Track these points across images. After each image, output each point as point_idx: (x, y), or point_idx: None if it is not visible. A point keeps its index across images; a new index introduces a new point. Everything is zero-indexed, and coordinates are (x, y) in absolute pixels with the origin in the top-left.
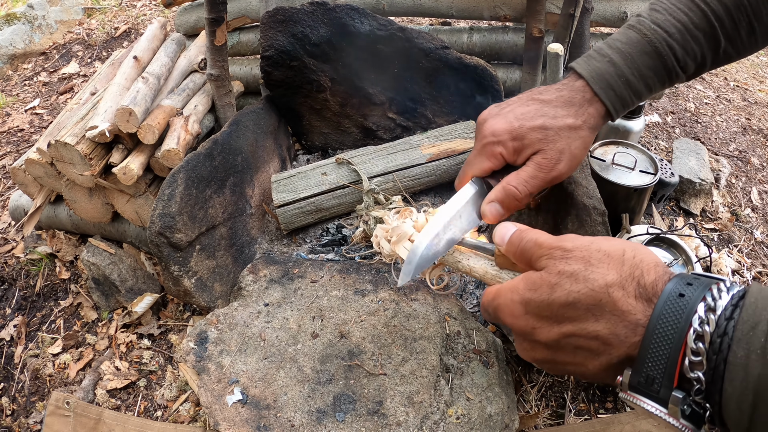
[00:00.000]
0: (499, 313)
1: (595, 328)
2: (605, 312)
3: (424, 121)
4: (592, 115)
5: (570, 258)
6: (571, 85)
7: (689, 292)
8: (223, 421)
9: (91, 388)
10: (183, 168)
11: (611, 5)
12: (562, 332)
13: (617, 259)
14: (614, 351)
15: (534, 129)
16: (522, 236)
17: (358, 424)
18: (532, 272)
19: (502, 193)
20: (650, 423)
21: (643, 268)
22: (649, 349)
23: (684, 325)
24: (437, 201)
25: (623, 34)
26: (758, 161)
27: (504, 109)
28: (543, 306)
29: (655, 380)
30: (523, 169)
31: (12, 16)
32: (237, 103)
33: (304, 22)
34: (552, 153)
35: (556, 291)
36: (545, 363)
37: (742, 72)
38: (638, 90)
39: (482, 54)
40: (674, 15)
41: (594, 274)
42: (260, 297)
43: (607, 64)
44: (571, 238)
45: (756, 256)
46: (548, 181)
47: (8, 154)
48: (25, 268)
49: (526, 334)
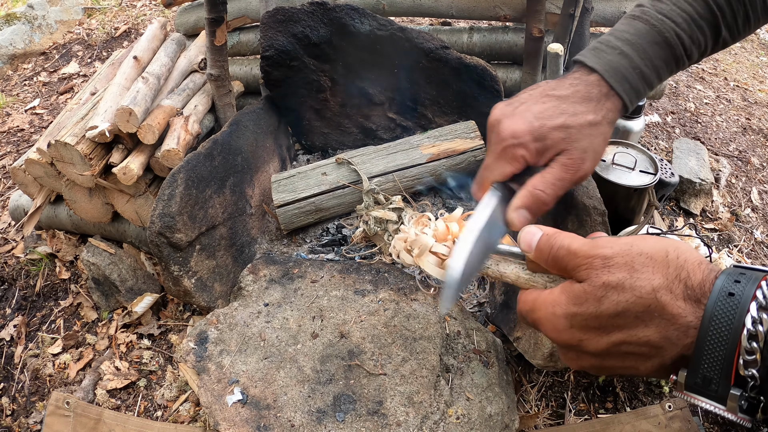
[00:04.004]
0: (540, 327)
1: (645, 334)
2: (654, 317)
3: (424, 121)
4: (611, 110)
5: (612, 266)
6: (585, 80)
7: (738, 290)
8: (223, 421)
9: (91, 388)
10: (183, 168)
11: (611, 5)
12: (612, 341)
13: (661, 261)
14: (666, 353)
15: (556, 128)
16: (551, 243)
17: (358, 424)
18: (573, 284)
19: (529, 199)
20: (650, 423)
21: (688, 268)
22: (704, 351)
23: (738, 325)
24: (437, 201)
25: (630, 25)
26: (758, 161)
27: (518, 107)
28: (590, 319)
29: (713, 381)
30: (548, 171)
31: (12, 16)
32: (237, 103)
33: (304, 22)
34: (577, 152)
35: (603, 303)
36: (593, 369)
37: (742, 72)
38: (651, 81)
39: (482, 54)
40: (679, 5)
41: (640, 281)
42: (260, 297)
43: (619, 57)
44: (606, 242)
45: (756, 256)
46: (575, 182)
47: (8, 154)
48: (25, 268)
49: (571, 347)
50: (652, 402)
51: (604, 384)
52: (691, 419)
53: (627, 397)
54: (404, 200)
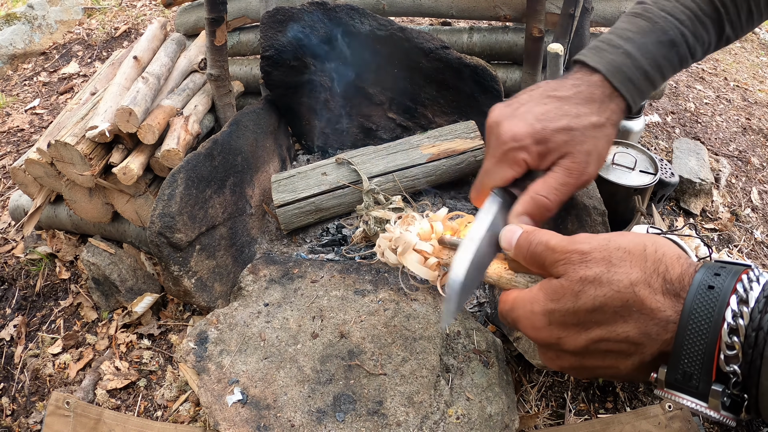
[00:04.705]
0: (519, 325)
1: (624, 329)
2: (633, 312)
3: (424, 121)
4: (614, 111)
5: (589, 261)
6: (587, 80)
7: (718, 283)
8: (223, 421)
9: (91, 388)
10: (183, 168)
11: (611, 5)
12: (591, 338)
13: (639, 255)
14: (647, 350)
15: (559, 131)
16: (530, 239)
17: (358, 424)
18: (551, 280)
19: (531, 205)
20: (650, 423)
21: (666, 262)
22: (683, 346)
23: (717, 318)
24: (437, 201)
25: (632, 23)
26: (758, 161)
27: (518, 109)
28: (568, 315)
29: (693, 376)
30: (551, 176)
31: (12, 16)
32: (237, 103)
33: (304, 22)
34: (581, 156)
35: (581, 298)
36: (573, 370)
37: (742, 72)
38: (654, 80)
39: (482, 54)
40: (682, 2)
41: (617, 275)
42: (260, 297)
43: (622, 56)
44: (585, 238)
45: (756, 256)
46: (579, 186)
47: (8, 154)
48: (25, 268)
49: (550, 345)
50: (652, 402)
51: (604, 384)
52: (691, 419)
53: (627, 397)
54: (404, 200)
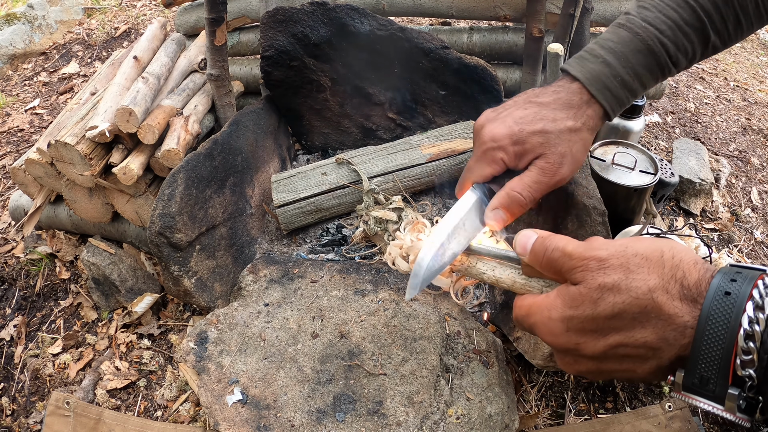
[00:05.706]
0: (536, 331)
1: (642, 335)
2: (651, 318)
3: (424, 121)
4: (591, 117)
5: (608, 268)
6: (567, 87)
7: (735, 289)
8: (223, 421)
9: (91, 388)
10: (183, 168)
11: (611, 5)
12: (609, 344)
13: (656, 261)
14: (664, 354)
15: (535, 133)
16: (546, 245)
17: (358, 424)
18: (569, 287)
19: (506, 199)
20: (650, 423)
21: (684, 268)
22: (700, 351)
23: (734, 324)
24: (437, 201)
25: (614, 33)
26: (758, 161)
27: (501, 113)
28: (587, 321)
29: (710, 381)
30: (526, 174)
31: (12, 16)
32: (237, 103)
33: (304, 22)
34: (554, 157)
35: (600, 305)
36: (590, 374)
37: (742, 72)
38: (633, 89)
39: (482, 54)
40: (664, 12)
41: (635, 282)
42: (260, 297)
43: (601, 65)
44: (601, 244)
45: (756, 256)
46: (551, 186)
47: (8, 154)
48: (25, 268)
49: (568, 351)
50: (652, 402)
51: (604, 384)
52: (691, 419)
53: (627, 397)
54: (404, 200)
